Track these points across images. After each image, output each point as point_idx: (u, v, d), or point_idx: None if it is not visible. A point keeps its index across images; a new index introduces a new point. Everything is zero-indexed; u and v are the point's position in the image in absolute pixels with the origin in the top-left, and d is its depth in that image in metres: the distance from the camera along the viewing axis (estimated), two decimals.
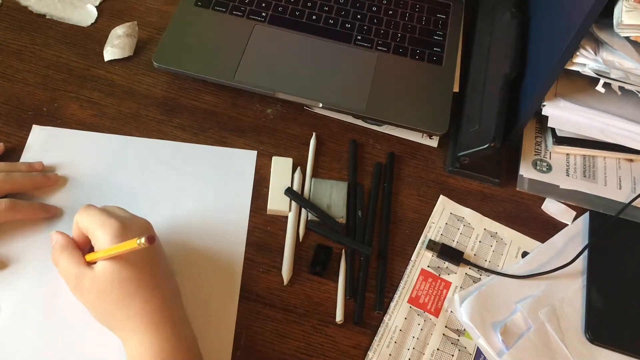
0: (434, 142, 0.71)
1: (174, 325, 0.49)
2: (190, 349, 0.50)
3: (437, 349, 0.58)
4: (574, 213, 0.67)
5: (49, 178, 0.61)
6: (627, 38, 0.58)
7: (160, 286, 0.51)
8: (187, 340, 0.50)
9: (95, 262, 0.50)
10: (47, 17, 0.74)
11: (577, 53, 0.60)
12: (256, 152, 0.67)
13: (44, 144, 0.64)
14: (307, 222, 0.63)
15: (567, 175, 0.69)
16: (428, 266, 0.63)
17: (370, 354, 0.57)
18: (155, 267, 0.52)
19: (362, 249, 0.62)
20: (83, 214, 0.52)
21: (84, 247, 0.53)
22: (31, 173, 0.61)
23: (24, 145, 0.64)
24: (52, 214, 0.59)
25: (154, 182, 0.63)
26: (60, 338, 0.53)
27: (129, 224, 0.51)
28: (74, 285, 0.50)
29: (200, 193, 0.63)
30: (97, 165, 0.63)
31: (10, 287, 0.55)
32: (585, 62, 0.60)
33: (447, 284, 0.62)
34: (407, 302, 0.60)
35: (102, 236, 0.49)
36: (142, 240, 0.46)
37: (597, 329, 0.59)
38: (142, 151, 0.65)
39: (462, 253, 0.63)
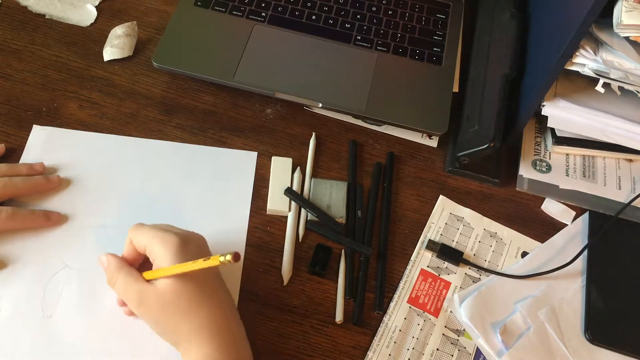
0: (433, 142, 0.71)
1: (236, 339, 0.49)
2: None
3: (437, 349, 0.58)
4: (573, 213, 0.67)
5: (50, 181, 0.61)
6: (627, 38, 0.58)
7: (223, 301, 0.51)
8: (246, 355, 0.50)
9: (154, 280, 0.49)
10: (46, 17, 0.74)
11: (577, 53, 0.60)
12: (257, 153, 0.67)
13: (45, 144, 0.64)
14: (307, 222, 0.63)
15: (567, 175, 0.69)
16: (428, 266, 0.63)
17: (370, 354, 0.57)
18: (218, 285, 0.52)
19: (361, 249, 0.62)
20: (138, 232, 0.51)
21: (134, 265, 0.53)
22: (32, 177, 0.60)
23: (24, 146, 0.63)
24: (55, 222, 0.59)
25: (155, 182, 0.63)
26: (59, 338, 0.53)
27: (187, 240, 0.50)
28: (138, 302, 0.49)
29: (200, 194, 0.63)
30: (98, 166, 0.63)
31: (9, 287, 0.55)
32: (584, 62, 0.60)
33: (447, 284, 0.62)
34: (407, 302, 0.60)
35: (163, 253, 0.49)
36: (228, 257, 0.43)
37: (596, 329, 0.59)
38: (142, 151, 0.65)
39: (461, 253, 0.63)
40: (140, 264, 0.54)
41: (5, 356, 0.52)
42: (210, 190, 0.64)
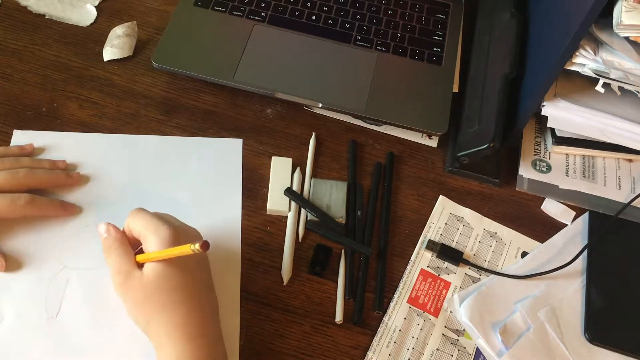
0: (433, 142, 0.71)
1: (211, 342, 0.49)
2: None
3: (437, 349, 0.58)
4: (573, 213, 0.67)
5: (71, 177, 0.61)
6: (627, 38, 0.58)
7: (204, 300, 0.50)
8: (221, 358, 0.50)
9: (143, 265, 0.50)
10: (46, 17, 0.74)
11: (577, 53, 0.60)
12: (242, 140, 0.67)
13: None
14: (307, 222, 0.63)
15: (567, 175, 0.69)
16: (427, 266, 0.63)
17: (369, 354, 0.57)
18: (202, 280, 0.51)
19: (361, 249, 0.62)
20: (136, 217, 0.51)
21: (133, 248, 0.53)
22: (54, 170, 0.60)
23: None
24: (71, 213, 0.59)
25: (144, 177, 0.63)
26: (66, 337, 0.53)
27: (180, 232, 0.50)
28: (121, 282, 0.49)
29: (190, 185, 0.63)
30: (84, 165, 0.63)
31: (10, 293, 0.55)
32: (584, 62, 0.60)
33: (447, 284, 0.62)
34: (407, 302, 0.60)
35: (154, 241, 0.49)
36: (197, 246, 0.45)
37: (596, 329, 0.59)
38: (128, 148, 0.65)
39: (461, 253, 0.63)
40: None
41: None
42: (200, 180, 0.64)
